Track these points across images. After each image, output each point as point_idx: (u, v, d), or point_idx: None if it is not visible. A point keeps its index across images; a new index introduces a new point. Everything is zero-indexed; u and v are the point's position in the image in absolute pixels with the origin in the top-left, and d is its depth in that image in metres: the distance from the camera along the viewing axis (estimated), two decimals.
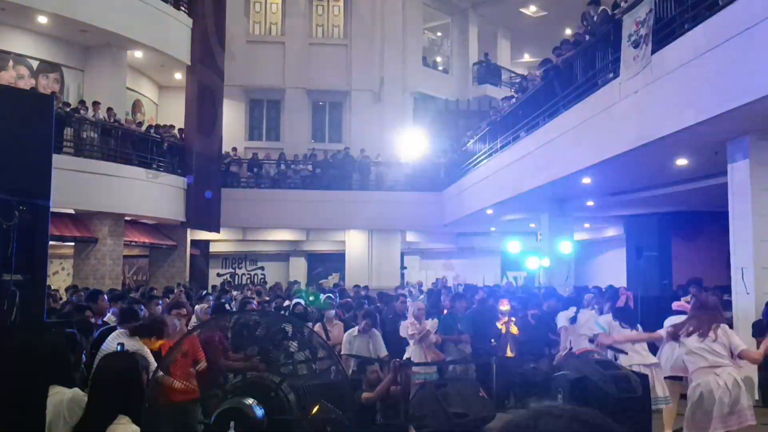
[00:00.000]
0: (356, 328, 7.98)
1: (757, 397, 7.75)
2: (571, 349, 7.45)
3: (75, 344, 3.61)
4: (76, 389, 3.23)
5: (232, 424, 2.66)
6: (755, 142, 7.82)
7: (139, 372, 3.03)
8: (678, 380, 6.57)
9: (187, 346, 4.17)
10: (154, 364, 4.63)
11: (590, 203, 14.50)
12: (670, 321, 5.99)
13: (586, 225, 19.04)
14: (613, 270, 16.20)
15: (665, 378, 6.48)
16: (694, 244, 12.14)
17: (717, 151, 8.56)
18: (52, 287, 12.58)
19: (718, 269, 11.26)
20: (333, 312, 8.97)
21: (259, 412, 2.78)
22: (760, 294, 7.73)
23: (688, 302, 6.71)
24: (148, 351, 5.09)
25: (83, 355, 4.55)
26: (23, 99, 3.70)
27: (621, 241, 16.65)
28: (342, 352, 7.79)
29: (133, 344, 4.90)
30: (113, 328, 5.60)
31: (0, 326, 3.30)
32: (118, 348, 3.61)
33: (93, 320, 6.62)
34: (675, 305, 6.80)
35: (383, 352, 7.94)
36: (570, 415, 1.03)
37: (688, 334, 5.17)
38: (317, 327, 8.58)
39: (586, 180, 11.61)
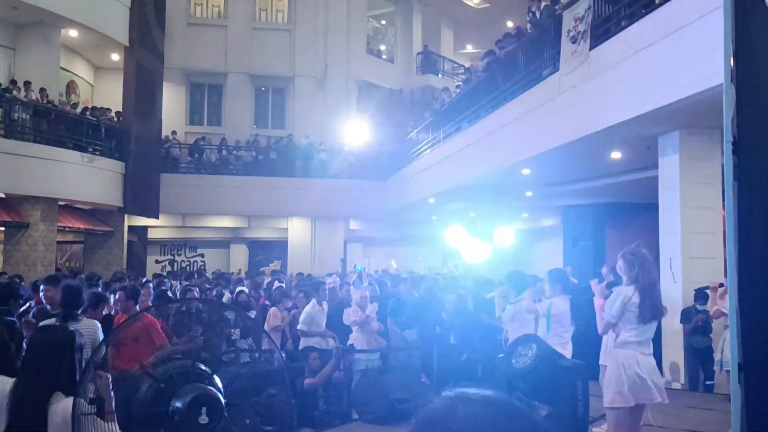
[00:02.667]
0: (314, 301, 8.29)
1: (683, 381, 8.17)
2: None
3: (14, 333, 3.52)
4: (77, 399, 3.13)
5: (204, 409, 2.68)
6: (685, 138, 8.18)
7: (72, 345, 2.95)
8: None
9: (139, 331, 4.11)
10: (96, 341, 4.55)
11: (529, 194, 14.82)
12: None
13: (525, 214, 19.48)
14: (550, 259, 16.64)
15: None
16: (627, 235, 12.58)
17: (649, 146, 8.91)
18: None
19: None
20: (290, 302, 9.07)
21: (223, 399, 2.81)
22: (686, 283, 8.12)
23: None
24: (94, 329, 4.99)
25: (24, 344, 4.42)
26: None
27: (558, 231, 17.13)
28: (299, 327, 7.96)
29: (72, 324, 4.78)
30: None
31: None
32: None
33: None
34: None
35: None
36: (485, 400, 0.99)
37: None
38: (273, 311, 8.63)
39: (526, 171, 11.88)
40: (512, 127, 10.93)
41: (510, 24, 20.51)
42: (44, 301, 5.74)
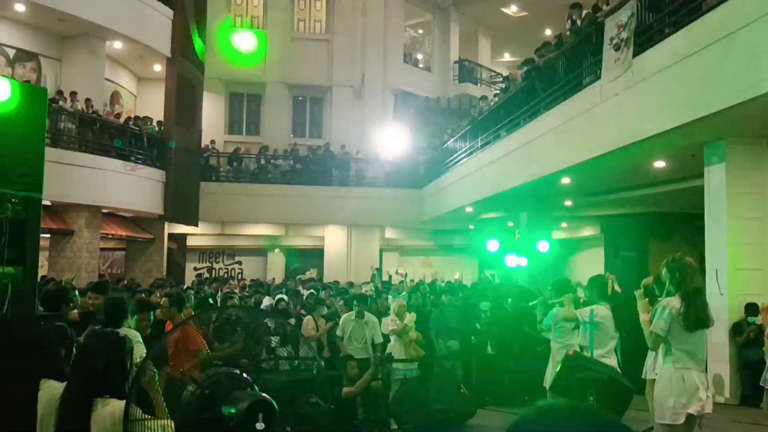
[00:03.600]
0: (353, 312, 8.23)
1: (727, 395, 7.97)
2: None
3: (65, 338, 3.62)
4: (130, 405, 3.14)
5: (260, 416, 2.73)
6: (731, 147, 8.03)
7: (122, 350, 3.01)
8: None
9: (180, 336, 4.20)
10: (142, 350, 4.64)
11: (569, 203, 14.67)
12: None
13: (564, 224, 19.27)
14: (590, 269, 16.43)
15: None
16: (670, 245, 12.38)
17: (694, 154, 8.76)
18: None
19: None
20: (325, 309, 9.07)
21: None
22: (733, 295, 7.95)
23: None
24: (137, 335, 5.10)
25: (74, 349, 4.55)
26: (17, 91, 3.69)
27: (598, 241, 16.90)
28: (337, 334, 7.95)
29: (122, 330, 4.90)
30: None
31: None
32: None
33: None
34: None
35: (379, 338, 8.13)
36: (574, 411, 1.02)
37: None
38: (306, 319, 8.65)
39: (566, 180, 11.76)
40: (551, 135, 10.84)
41: (549, 32, 20.38)
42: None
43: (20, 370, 3.28)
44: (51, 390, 3.23)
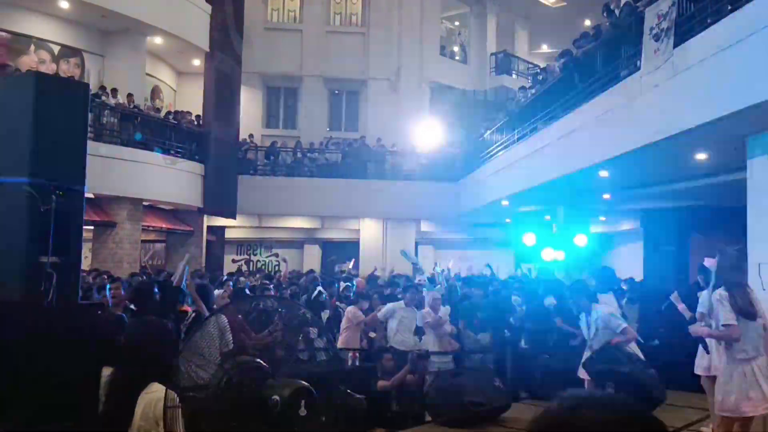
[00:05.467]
0: (402, 301, 8.31)
1: None
2: None
3: (123, 327, 3.76)
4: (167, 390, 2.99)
5: (302, 402, 2.81)
6: None
7: (169, 338, 3.10)
8: None
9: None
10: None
11: (607, 196, 14.46)
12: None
13: (603, 218, 19.00)
14: (629, 264, 16.19)
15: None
16: (712, 240, 12.10)
17: (736, 147, 8.55)
18: None
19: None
20: (367, 303, 9.08)
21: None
22: None
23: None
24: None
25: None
26: (60, 86, 3.81)
27: (638, 235, 16.61)
28: (381, 320, 8.00)
29: None
30: None
31: (38, 307, 3.43)
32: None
33: None
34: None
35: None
36: (608, 402, 1.01)
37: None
38: (352, 309, 8.66)
39: (604, 173, 11.58)
40: (590, 128, 10.69)
41: (588, 23, 20.07)
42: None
43: (75, 358, 3.39)
44: (153, 395, 3.28)
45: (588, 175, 11.60)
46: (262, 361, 3.18)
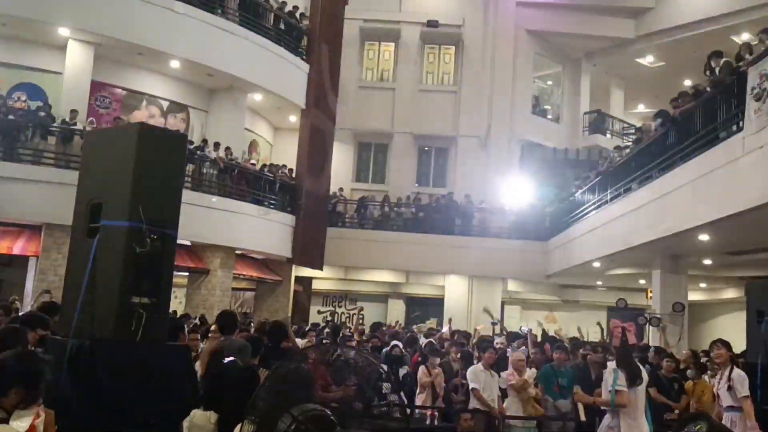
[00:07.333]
0: (480, 364, 8.02)
1: None
2: None
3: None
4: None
5: None
6: None
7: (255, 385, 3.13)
8: None
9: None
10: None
11: (707, 261, 13.77)
12: None
13: (702, 284, 18.04)
14: (731, 336, 15.18)
15: None
16: None
17: None
18: None
19: None
20: (438, 359, 8.93)
21: None
22: None
23: None
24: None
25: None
26: (161, 136, 4.05)
27: (741, 305, 15.59)
28: (472, 386, 7.77)
29: None
30: None
31: (127, 345, 3.56)
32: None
33: None
34: None
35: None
36: None
37: None
38: (421, 370, 8.58)
39: (704, 237, 11.06)
40: (688, 189, 10.28)
41: (687, 83, 19.51)
42: None
43: (162, 395, 3.48)
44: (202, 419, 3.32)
45: (686, 238, 11.15)
46: (330, 412, 3.15)
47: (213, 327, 6.97)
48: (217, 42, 16.36)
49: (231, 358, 4.82)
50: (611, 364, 5.84)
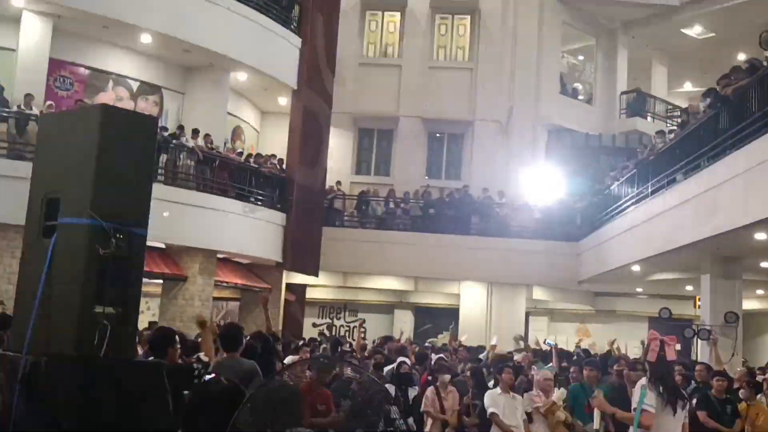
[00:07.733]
0: (498, 387, 8.09)
1: None
2: None
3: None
4: None
5: None
6: None
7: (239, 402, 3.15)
8: None
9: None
10: None
11: (765, 264, 13.79)
12: None
13: (759, 291, 18.04)
14: None
15: None
16: None
17: None
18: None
19: None
20: (448, 377, 8.91)
21: None
22: None
23: None
24: None
25: None
26: (124, 119, 4.04)
27: None
28: (491, 411, 7.80)
29: None
30: None
31: (89, 362, 3.55)
32: None
33: None
34: None
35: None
36: None
37: None
38: (429, 392, 8.57)
39: (760, 235, 11.07)
40: (742, 180, 10.27)
41: (741, 57, 19.46)
42: None
43: (125, 417, 3.48)
44: None
45: (740, 237, 11.17)
46: None
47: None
48: (195, 13, 16.27)
49: (212, 375, 4.81)
50: (642, 380, 5.83)
